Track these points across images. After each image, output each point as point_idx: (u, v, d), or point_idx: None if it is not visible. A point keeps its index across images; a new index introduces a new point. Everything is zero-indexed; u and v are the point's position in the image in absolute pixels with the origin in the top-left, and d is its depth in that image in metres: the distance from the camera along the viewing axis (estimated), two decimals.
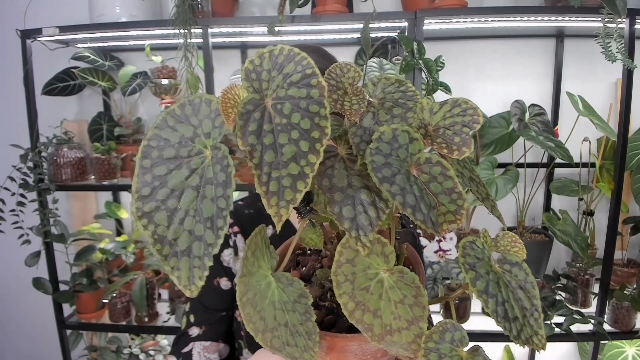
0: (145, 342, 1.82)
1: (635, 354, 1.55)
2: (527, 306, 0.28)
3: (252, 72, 0.25)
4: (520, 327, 0.27)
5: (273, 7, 1.70)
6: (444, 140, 0.28)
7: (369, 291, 0.27)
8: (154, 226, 0.26)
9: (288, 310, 0.28)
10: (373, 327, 0.27)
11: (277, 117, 0.24)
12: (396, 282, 0.28)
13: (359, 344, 0.31)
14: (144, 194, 0.25)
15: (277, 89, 0.24)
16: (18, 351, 2.19)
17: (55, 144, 1.56)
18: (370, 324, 0.27)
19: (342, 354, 0.32)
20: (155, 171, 0.25)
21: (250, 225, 0.80)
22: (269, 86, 0.25)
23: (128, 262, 1.73)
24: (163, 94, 1.72)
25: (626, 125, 1.35)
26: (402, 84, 0.32)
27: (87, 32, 1.51)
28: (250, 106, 0.24)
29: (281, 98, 0.24)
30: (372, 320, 0.27)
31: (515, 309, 0.27)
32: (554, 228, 1.51)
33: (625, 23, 1.27)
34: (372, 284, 0.28)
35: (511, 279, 0.29)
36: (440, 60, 1.37)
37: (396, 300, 0.27)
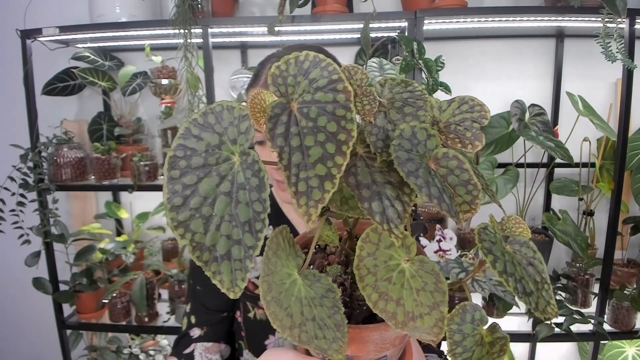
0: (145, 342, 1.82)
1: (635, 354, 1.55)
2: (538, 280, 0.30)
3: (279, 77, 0.26)
4: (536, 300, 0.29)
5: (273, 7, 1.70)
6: (456, 135, 0.30)
7: (392, 281, 0.29)
8: (191, 234, 0.26)
9: (316, 305, 0.29)
10: (397, 315, 0.28)
11: (304, 120, 0.25)
12: (417, 270, 0.30)
13: (380, 333, 0.33)
14: (177, 204, 0.26)
15: (303, 94, 0.25)
16: (18, 351, 2.19)
17: (55, 144, 1.56)
18: (394, 312, 0.28)
19: (364, 344, 0.33)
20: (184, 180, 0.26)
21: None
22: (294, 90, 0.26)
23: (128, 262, 1.73)
24: (163, 94, 1.72)
25: (626, 125, 1.35)
26: (408, 84, 0.34)
27: (87, 32, 1.51)
28: (277, 109, 0.25)
29: (307, 102, 0.25)
30: (395, 309, 0.28)
31: (530, 284, 0.29)
32: (554, 228, 1.51)
33: (625, 23, 1.27)
34: (394, 274, 0.29)
35: (522, 258, 0.31)
36: (440, 60, 1.37)
37: (417, 288, 0.29)
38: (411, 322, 0.28)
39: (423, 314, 0.29)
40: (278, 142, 0.25)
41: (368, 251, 0.29)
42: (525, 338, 1.52)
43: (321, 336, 0.28)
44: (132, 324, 1.64)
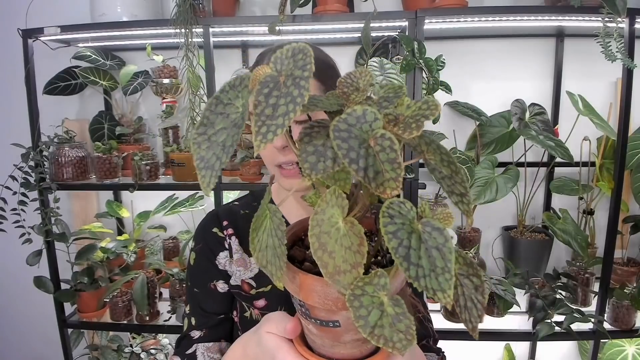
0: (146, 341, 1.83)
1: (635, 353, 1.56)
2: (439, 265, 0.32)
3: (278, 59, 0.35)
4: (423, 274, 0.31)
5: (274, 6, 1.70)
6: (405, 125, 0.35)
7: (330, 235, 0.34)
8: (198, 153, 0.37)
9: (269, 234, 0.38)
10: (328, 265, 0.33)
11: (284, 86, 0.33)
12: (348, 231, 0.34)
13: (322, 286, 0.38)
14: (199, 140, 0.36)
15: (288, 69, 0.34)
16: (19, 350, 2.20)
17: (56, 143, 1.56)
18: (327, 262, 0.33)
19: (309, 292, 0.39)
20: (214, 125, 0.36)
21: (244, 224, 0.79)
22: (283, 67, 0.35)
23: (129, 261, 1.73)
24: (164, 93, 1.72)
25: (626, 125, 1.36)
26: (398, 89, 0.40)
27: (89, 31, 1.51)
28: (269, 78, 0.34)
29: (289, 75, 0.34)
30: (328, 260, 0.33)
31: (422, 259, 0.32)
32: (554, 227, 1.52)
33: (625, 23, 1.27)
34: (332, 229, 0.34)
35: (429, 239, 0.33)
36: (440, 59, 1.37)
37: (346, 246, 0.34)
38: (336, 275, 0.33)
39: (346, 270, 0.33)
40: (259, 98, 0.33)
41: (320, 208, 0.35)
42: (525, 337, 1.53)
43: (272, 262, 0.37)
44: (133, 322, 1.64)
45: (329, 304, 0.38)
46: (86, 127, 1.76)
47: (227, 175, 1.61)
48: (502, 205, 1.59)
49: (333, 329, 0.41)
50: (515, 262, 1.59)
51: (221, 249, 0.78)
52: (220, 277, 0.78)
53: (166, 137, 1.77)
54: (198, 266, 0.79)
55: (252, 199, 0.86)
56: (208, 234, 0.79)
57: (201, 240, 0.80)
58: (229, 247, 0.78)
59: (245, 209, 0.82)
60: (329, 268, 0.33)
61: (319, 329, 0.42)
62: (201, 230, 0.81)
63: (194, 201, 1.80)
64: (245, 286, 0.76)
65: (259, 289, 0.75)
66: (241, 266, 0.77)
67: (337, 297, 0.38)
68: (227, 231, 0.79)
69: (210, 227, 0.80)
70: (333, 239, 0.34)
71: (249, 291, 0.76)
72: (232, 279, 0.77)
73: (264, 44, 1.78)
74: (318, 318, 0.41)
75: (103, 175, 1.59)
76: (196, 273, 0.79)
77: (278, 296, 0.75)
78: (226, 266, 0.78)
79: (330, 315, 0.40)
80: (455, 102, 1.69)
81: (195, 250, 0.80)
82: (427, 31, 1.37)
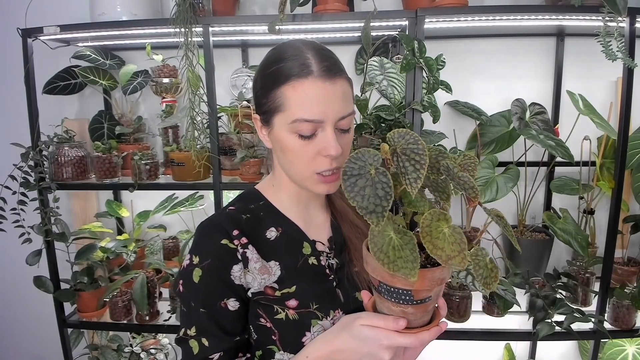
0: (146, 341, 1.83)
1: (635, 353, 1.56)
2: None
3: (390, 139, 0.56)
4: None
5: (274, 5, 1.70)
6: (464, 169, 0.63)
7: (439, 238, 0.52)
8: (357, 202, 0.52)
9: (403, 249, 0.53)
10: (442, 256, 0.51)
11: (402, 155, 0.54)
12: (451, 232, 0.53)
13: (432, 273, 0.55)
14: (349, 190, 0.53)
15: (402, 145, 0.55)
16: (19, 350, 2.20)
17: (56, 142, 1.56)
18: (440, 255, 0.51)
19: (423, 280, 0.55)
20: (350, 180, 0.53)
21: (251, 230, 0.75)
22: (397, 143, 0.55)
23: (129, 261, 1.73)
24: (164, 92, 1.72)
25: (626, 124, 1.35)
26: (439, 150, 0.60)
27: (88, 31, 1.51)
28: (392, 150, 0.55)
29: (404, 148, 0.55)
30: (442, 253, 0.51)
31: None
32: (555, 227, 1.52)
33: (625, 22, 1.27)
34: (440, 234, 0.53)
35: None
36: (440, 59, 1.37)
37: (451, 242, 0.52)
38: (449, 260, 0.51)
39: (455, 255, 0.52)
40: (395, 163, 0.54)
41: (427, 223, 0.53)
42: (525, 336, 1.53)
43: (404, 267, 0.51)
44: (133, 322, 1.64)
45: (434, 283, 0.56)
46: (86, 126, 1.76)
47: (227, 175, 1.61)
48: (502, 204, 1.59)
49: (427, 303, 0.58)
50: (515, 262, 1.59)
51: (235, 262, 0.72)
52: (232, 294, 0.72)
53: (166, 137, 1.77)
54: (205, 284, 0.71)
55: (246, 201, 0.81)
56: (217, 247, 0.72)
57: (210, 255, 0.72)
58: (243, 257, 0.73)
59: (245, 214, 0.77)
60: (443, 257, 0.51)
61: (417, 307, 0.58)
62: (207, 244, 0.73)
63: (194, 201, 1.80)
64: (269, 291, 0.73)
65: (283, 291, 0.73)
66: (265, 274, 0.73)
67: (438, 277, 0.56)
68: (241, 241, 0.73)
69: (218, 239, 0.72)
70: (442, 239, 0.52)
71: (273, 294, 0.73)
72: (253, 288, 0.73)
73: (264, 43, 1.78)
74: (418, 299, 0.57)
75: (103, 175, 1.59)
76: (203, 292, 0.72)
77: (306, 293, 0.74)
78: (241, 279, 0.72)
79: (429, 292, 0.57)
80: (455, 101, 1.68)
81: (203, 267, 0.71)
82: (428, 30, 1.37)
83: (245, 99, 1.69)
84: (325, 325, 0.72)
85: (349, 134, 0.72)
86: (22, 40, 1.50)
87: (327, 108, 0.67)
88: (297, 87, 0.66)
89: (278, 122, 0.70)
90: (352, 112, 0.71)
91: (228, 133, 1.63)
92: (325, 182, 0.71)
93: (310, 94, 0.66)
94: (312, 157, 0.69)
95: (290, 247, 0.77)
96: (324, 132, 0.68)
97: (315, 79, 0.66)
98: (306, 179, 0.72)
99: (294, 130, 0.68)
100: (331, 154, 0.67)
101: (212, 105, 1.46)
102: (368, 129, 1.46)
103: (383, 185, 0.52)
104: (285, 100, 0.67)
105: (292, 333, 0.72)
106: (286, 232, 0.78)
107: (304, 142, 0.68)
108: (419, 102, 1.35)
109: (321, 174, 0.70)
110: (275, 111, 0.69)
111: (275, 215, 0.79)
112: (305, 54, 0.68)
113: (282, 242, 0.77)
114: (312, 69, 0.67)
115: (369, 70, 1.49)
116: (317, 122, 0.67)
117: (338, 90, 0.68)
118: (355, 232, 0.82)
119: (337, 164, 0.70)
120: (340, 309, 0.75)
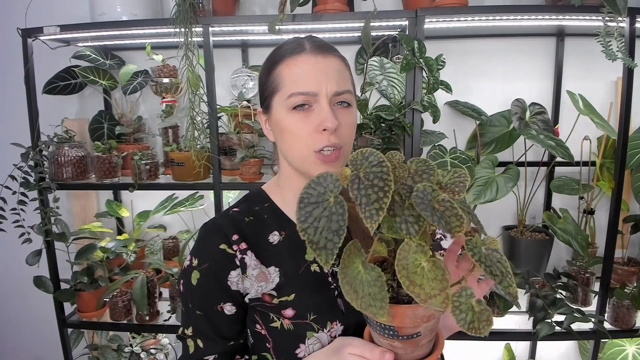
0: (146, 341, 1.83)
1: (635, 353, 1.56)
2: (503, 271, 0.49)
3: (353, 161, 0.51)
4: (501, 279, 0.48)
5: (274, 5, 1.70)
6: (451, 189, 0.53)
7: (417, 273, 0.46)
8: (308, 235, 0.48)
9: (371, 285, 0.48)
10: (420, 294, 0.45)
11: (365, 180, 0.48)
12: (431, 267, 0.47)
13: (413, 310, 0.51)
14: (302, 220, 0.49)
15: (365, 168, 0.50)
16: (19, 350, 2.20)
17: (56, 142, 1.56)
18: (419, 293, 0.45)
19: (403, 318, 0.51)
20: (306, 209, 0.50)
21: (252, 233, 0.74)
22: (361, 166, 0.50)
23: (129, 261, 1.73)
24: (164, 92, 1.72)
25: (626, 124, 1.35)
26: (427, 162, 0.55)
27: (88, 31, 1.51)
28: (353, 176, 0.49)
29: (367, 172, 0.49)
30: (420, 291, 0.45)
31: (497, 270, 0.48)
32: (555, 227, 1.52)
33: (625, 22, 1.27)
34: (418, 269, 0.47)
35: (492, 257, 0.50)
36: (440, 59, 1.37)
37: (431, 278, 0.46)
38: (429, 299, 0.45)
39: (435, 294, 0.45)
40: (354, 192, 0.48)
41: (403, 255, 0.48)
42: (525, 336, 1.53)
43: (373, 305, 0.47)
44: (133, 322, 1.64)
45: (418, 321, 0.51)
46: (86, 126, 1.76)
47: (227, 175, 1.61)
48: (502, 204, 1.59)
49: (416, 339, 0.54)
50: (515, 262, 1.59)
51: (232, 267, 0.71)
52: (229, 299, 0.72)
53: (166, 137, 1.77)
54: (203, 287, 0.72)
55: (251, 203, 0.80)
56: (216, 252, 0.71)
57: (208, 259, 0.72)
58: (241, 263, 0.71)
59: (248, 216, 0.76)
60: (422, 296, 0.45)
61: (405, 342, 0.55)
62: (205, 247, 0.73)
63: (194, 201, 1.80)
64: (267, 297, 0.72)
65: (281, 298, 0.71)
66: (262, 281, 0.72)
67: (423, 315, 0.51)
68: (240, 246, 0.72)
69: (217, 243, 0.72)
70: (420, 275, 0.46)
71: (271, 301, 0.72)
72: (251, 294, 0.72)
73: (264, 43, 1.78)
74: (405, 335, 0.53)
75: (103, 175, 1.59)
76: (200, 294, 0.72)
77: (304, 303, 0.71)
78: (239, 285, 0.72)
79: (415, 329, 0.53)
80: (455, 101, 1.68)
81: (201, 270, 0.71)
82: (428, 30, 1.37)
83: (245, 99, 1.69)
84: (321, 338, 0.70)
85: (349, 110, 0.72)
86: (22, 40, 1.49)
87: (319, 80, 0.68)
88: (291, 64, 0.69)
89: (276, 103, 0.71)
90: (348, 89, 0.71)
91: (228, 133, 1.63)
92: (325, 161, 0.69)
93: (303, 67, 0.69)
94: (309, 134, 0.68)
95: (293, 252, 0.74)
96: (319, 106, 0.68)
97: (308, 54, 0.70)
98: (306, 160, 0.70)
99: (290, 106, 0.69)
100: (327, 125, 0.67)
101: (212, 105, 1.45)
102: (368, 129, 1.46)
103: (338, 218, 0.47)
104: (281, 79, 0.70)
105: (286, 343, 0.70)
106: (289, 236, 0.76)
107: (301, 117, 0.68)
108: (419, 102, 1.35)
109: (321, 152, 0.68)
110: (273, 93, 0.71)
111: (279, 218, 0.78)
112: (301, 39, 0.72)
113: (284, 246, 0.75)
114: (305, 47, 0.70)
115: (369, 70, 1.49)
116: (312, 95, 0.68)
117: (331, 65, 0.70)
118: (362, 235, 0.79)
119: (336, 139, 0.68)
120: (339, 321, 0.71)
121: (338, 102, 0.70)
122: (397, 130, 1.40)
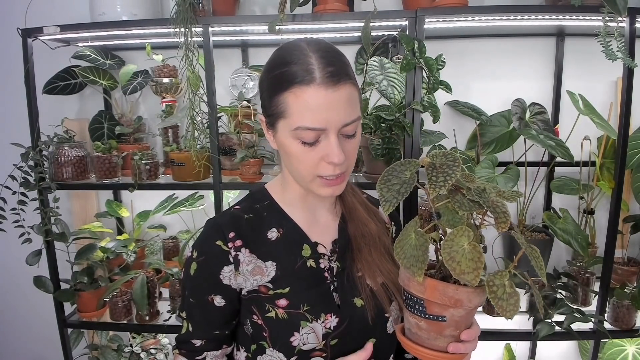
0: (146, 341, 1.83)
1: (635, 353, 1.56)
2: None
3: (433, 156, 0.64)
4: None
5: (274, 5, 1.70)
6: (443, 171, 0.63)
7: (458, 252, 0.56)
8: (381, 190, 0.64)
9: (417, 249, 0.60)
10: (456, 269, 0.55)
11: (439, 168, 0.62)
12: (470, 250, 0.56)
13: (444, 287, 0.59)
14: (382, 181, 0.64)
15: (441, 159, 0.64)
16: (19, 350, 2.20)
17: (56, 142, 1.56)
18: (455, 267, 0.55)
19: (433, 291, 0.59)
20: (388, 176, 0.65)
21: (249, 230, 0.77)
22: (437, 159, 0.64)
23: (129, 261, 1.73)
24: (164, 92, 1.72)
25: (626, 124, 1.35)
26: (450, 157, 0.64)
27: (88, 31, 1.51)
28: (430, 164, 0.63)
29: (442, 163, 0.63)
30: (456, 266, 0.55)
31: None
32: (555, 227, 1.52)
33: (625, 22, 1.27)
34: (459, 249, 0.57)
35: None
36: (441, 59, 1.37)
37: (469, 258, 0.56)
38: (462, 274, 0.55)
39: (468, 272, 0.55)
40: (429, 172, 0.61)
41: (452, 237, 0.57)
42: (525, 336, 1.53)
43: (414, 265, 0.58)
44: (133, 322, 1.64)
45: (445, 299, 0.58)
46: (86, 126, 1.76)
47: (227, 175, 1.61)
48: None
49: (440, 322, 0.60)
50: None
51: (225, 263, 0.75)
52: (219, 292, 0.76)
53: (166, 137, 1.77)
54: (197, 278, 0.77)
55: (253, 200, 0.83)
56: (211, 247, 0.75)
57: (204, 253, 0.76)
58: (235, 260, 0.75)
59: (248, 213, 0.79)
60: (457, 270, 0.55)
61: (429, 323, 0.61)
62: (203, 242, 0.77)
63: (194, 201, 1.80)
64: (263, 289, 0.75)
65: (277, 290, 0.74)
66: (258, 274, 0.75)
67: (452, 296, 0.59)
68: (235, 243, 0.75)
69: (214, 239, 0.75)
70: (460, 254, 0.56)
71: (267, 292, 0.75)
72: (247, 288, 0.76)
73: (264, 43, 1.78)
74: (432, 314, 0.60)
75: (103, 175, 1.59)
76: (195, 284, 0.77)
77: (298, 295, 0.74)
78: (231, 280, 0.75)
79: (441, 310, 0.60)
80: (455, 101, 1.68)
81: (198, 262, 0.76)
82: (428, 30, 1.37)
83: (245, 99, 1.69)
84: (316, 328, 0.73)
85: (354, 139, 0.71)
86: (22, 40, 1.49)
87: (329, 116, 0.65)
88: (299, 95, 0.64)
89: (281, 127, 0.69)
90: (357, 117, 0.69)
91: (228, 133, 1.63)
92: (329, 185, 0.70)
93: (312, 102, 0.64)
94: (315, 163, 0.68)
95: (290, 249, 0.78)
96: (327, 139, 0.66)
97: (318, 87, 0.64)
98: (310, 183, 0.72)
99: (296, 137, 0.67)
100: (334, 161, 0.66)
101: (212, 105, 1.45)
102: (368, 129, 1.46)
103: (407, 187, 0.61)
104: (288, 107, 0.66)
105: (281, 331, 0.73)
106: (287, 233, 0.79)
107: (307, 149, 0.68)
108: (419, 102, 1.35)
109: (325, 177, 0.70)
110: (278, 117, 0.68)
111: (278, 215, 0.80)
112: (309, 58, 0.65)
113: (282, 243, 0.78)
114: (315, 75, 0.64)
115: (369, 70, 1.49)
116: (320, 130, 0.66)
117: (342, 96, 0.65)
118: (362, 231, 0.82)
119: (341, 170, 0.69)
120: (333, 313, 0.74)
121: (345, 135, 0.69)
122: (397, 130, 1.40)
